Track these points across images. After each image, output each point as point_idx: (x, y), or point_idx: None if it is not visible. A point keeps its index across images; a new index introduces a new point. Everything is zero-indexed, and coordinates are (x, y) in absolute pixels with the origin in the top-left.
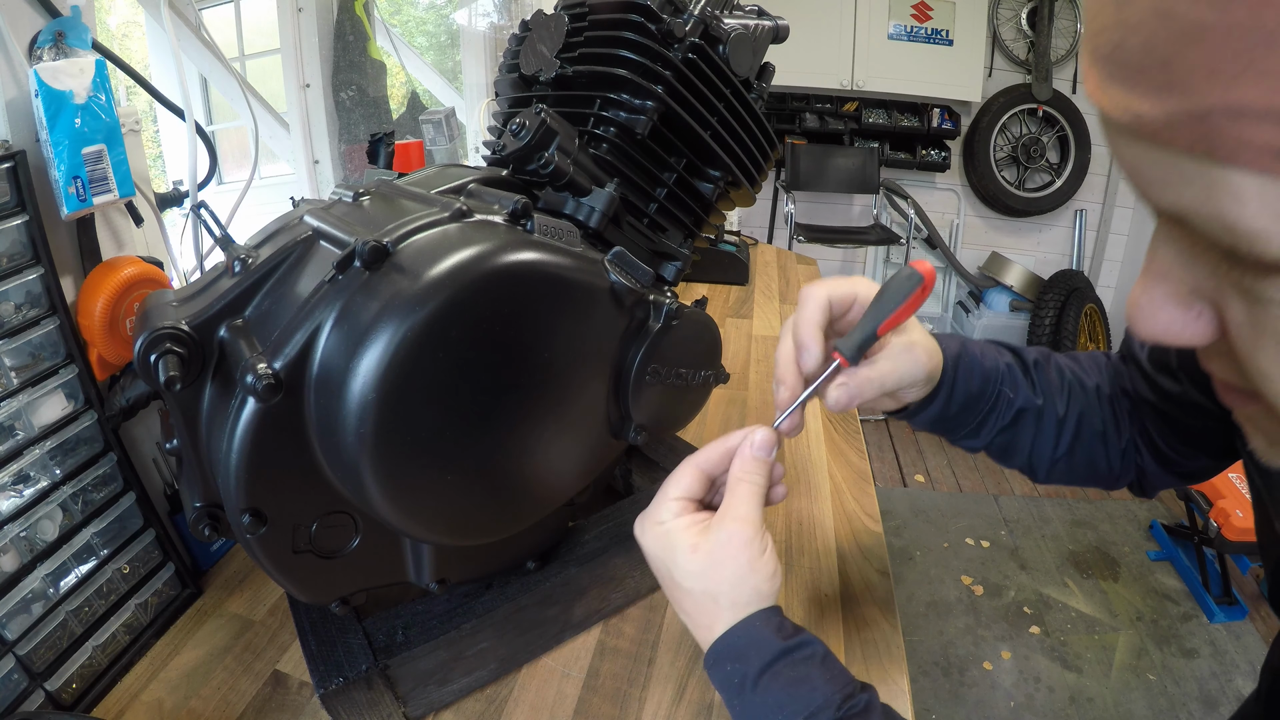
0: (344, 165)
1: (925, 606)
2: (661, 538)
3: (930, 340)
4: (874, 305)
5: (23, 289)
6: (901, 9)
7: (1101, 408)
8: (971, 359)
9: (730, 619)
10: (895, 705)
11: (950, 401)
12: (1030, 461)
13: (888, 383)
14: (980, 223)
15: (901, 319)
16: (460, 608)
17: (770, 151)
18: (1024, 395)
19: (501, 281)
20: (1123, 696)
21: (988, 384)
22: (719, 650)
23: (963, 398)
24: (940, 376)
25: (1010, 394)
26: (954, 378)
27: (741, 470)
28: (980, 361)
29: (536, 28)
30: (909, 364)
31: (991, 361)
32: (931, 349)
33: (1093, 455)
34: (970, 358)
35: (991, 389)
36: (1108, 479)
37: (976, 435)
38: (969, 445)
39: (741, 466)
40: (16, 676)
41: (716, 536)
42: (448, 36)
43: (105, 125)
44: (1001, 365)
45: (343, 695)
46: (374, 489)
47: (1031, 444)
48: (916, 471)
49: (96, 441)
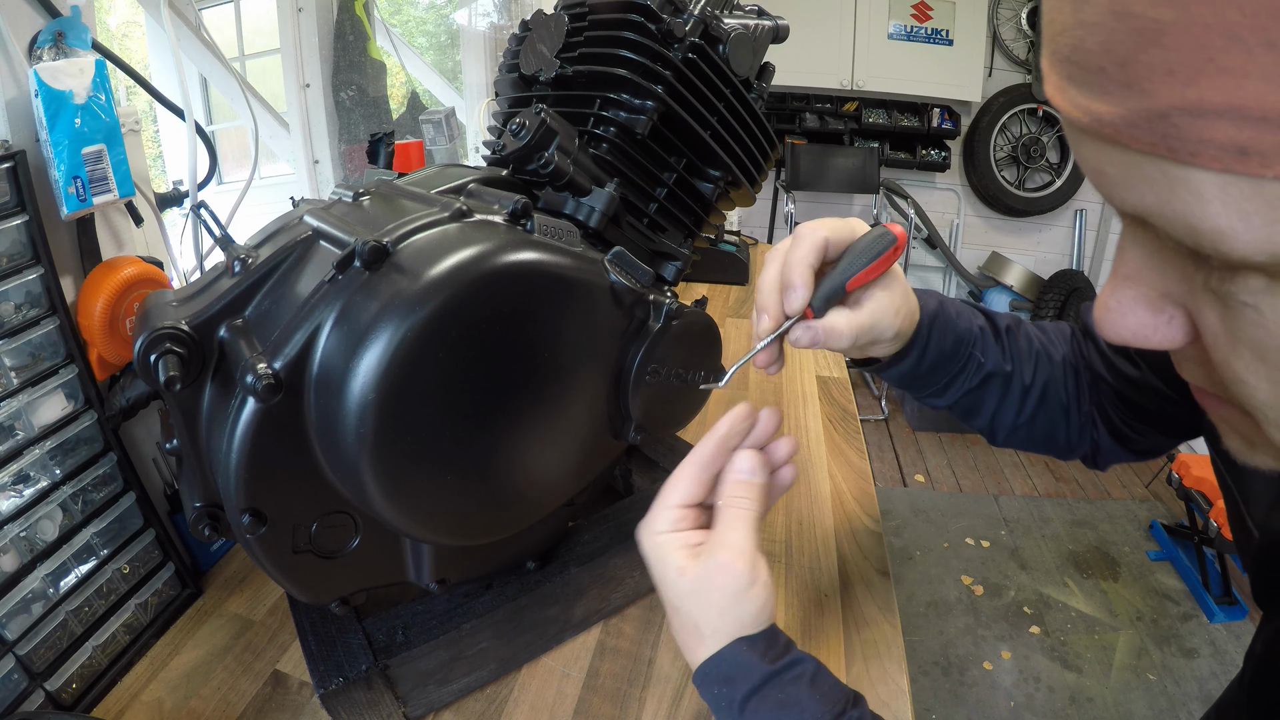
0: (344, 165)
1: (925, 606)
2: (655, 549)
3: (908, 300)
4: (845, 260)
5: (23, 289)
6: (901, 9)
7: (1066, 380)
8: (947, 319)
9: (712, 646)
10: (895, 705)
11: (922, 360)
12: (991, 424)
13: (856, 336)
14: (980, 223)
15: (870, 277)
16: (460, 608)
17: (770, 151)
18: (994, 359)
19: (501, 281)
20: (1123, 696)
21: (960, 345)
22: (704, 673)
23: (934, 357)
24: (914, 335)
25: (981, 358)
26: (928, 337)
27: (730, 495)
28: (955, 322)
29: (536, 28)
30: (877, 321)
31: (966, 323)
32: (906, 310)
33: (1053, 425)
34: (946, 318)
35: (963, 351)
36: (1064, 449)
37: (943, 394)
38: (934, 403)
39: (730, 491)
40: (16, 676)
41: (705, 564)
42: (448, 36)
43: (105, 125)
44: (975, 328)
45: (343, 695)
46: (374, 489)
47: (996, 408)
48: (916, 471)
49: (96, 441)
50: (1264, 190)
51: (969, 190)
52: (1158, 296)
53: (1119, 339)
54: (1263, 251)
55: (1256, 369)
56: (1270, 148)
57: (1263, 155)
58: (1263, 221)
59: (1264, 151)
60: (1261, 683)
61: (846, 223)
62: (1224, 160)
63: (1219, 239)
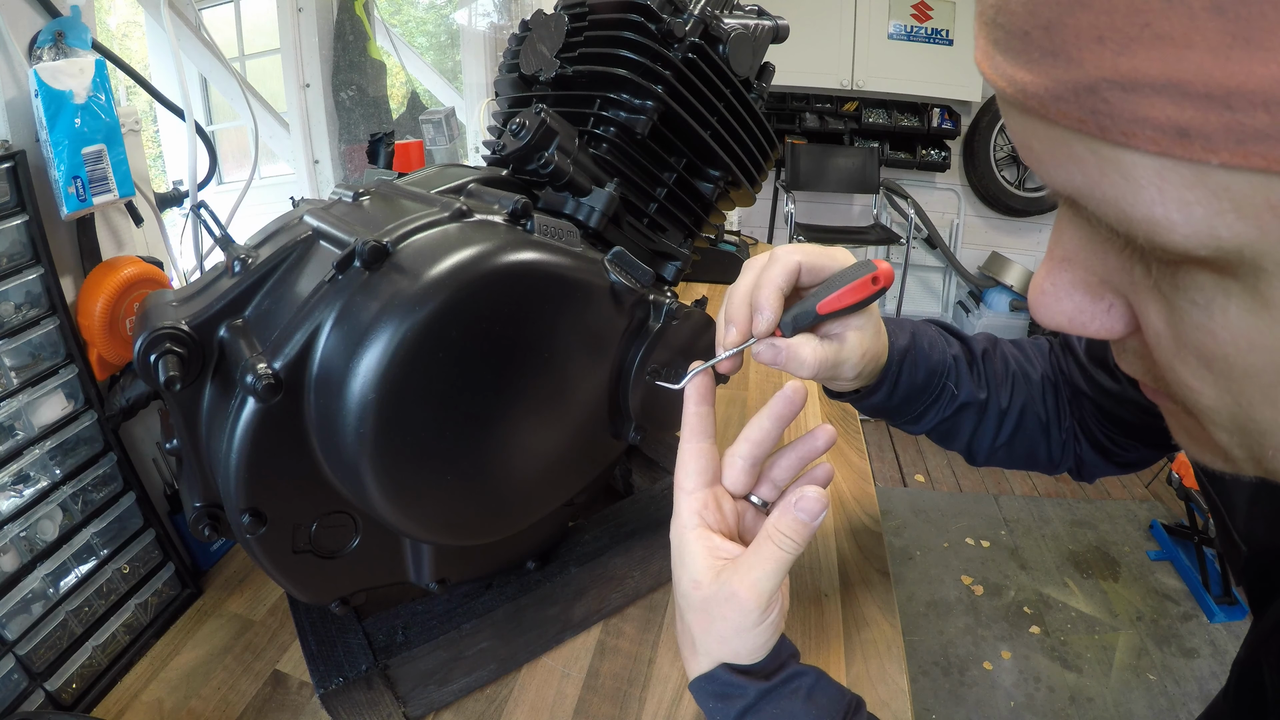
0: (344, 165)
1: (925, 606)
2: (676, 544)
3: (878, 341)
4: (824, 285)
5: (23, 289)
6: (901, 9)
7: (1045, 398)
8: (919, 353)
9: (705, 665)
10: (895, 705)
11: (894, 393)
12: (969, 447)
13: (818, 368)
14: (980, 222)
15: (843, 303)
16: (460, 608)
17: (770, 151)
18: (967, 390)
19: (501, 281)
20: (1123, 696)
21: (933, 377)
22: (699, 687)
23: (906, 390)
24: (884, 369)
25: (954, 389)
26: (899, 371)
27: (777, 528)
28: (928, 355)
29: (536, 28)
30: (843, 359)
31: (940, 354)
32: (874, 352)
33: (1033, 444)
34: (918, 351)
35: (936, 383)
36: (1047, 465)
37: (918, 423)
38: (910, 430)
39: (781, 525)
40: (16, 676)
41: (720, 589)
42: (448, 36)
43: (105, 125)
44: (949, 359)
45: (343, 695)
46: (374, 489)
47: (972, 433)
48: (916, 471)
49: (96, 441)
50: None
51: (969, 190)
52: (1097, 282)
53: (1054, 325)
54: (1205, 246)
55: (1202, 375)
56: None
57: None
58: (1205, 213)
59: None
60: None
61: (828, 251)
62: (1161, 143)
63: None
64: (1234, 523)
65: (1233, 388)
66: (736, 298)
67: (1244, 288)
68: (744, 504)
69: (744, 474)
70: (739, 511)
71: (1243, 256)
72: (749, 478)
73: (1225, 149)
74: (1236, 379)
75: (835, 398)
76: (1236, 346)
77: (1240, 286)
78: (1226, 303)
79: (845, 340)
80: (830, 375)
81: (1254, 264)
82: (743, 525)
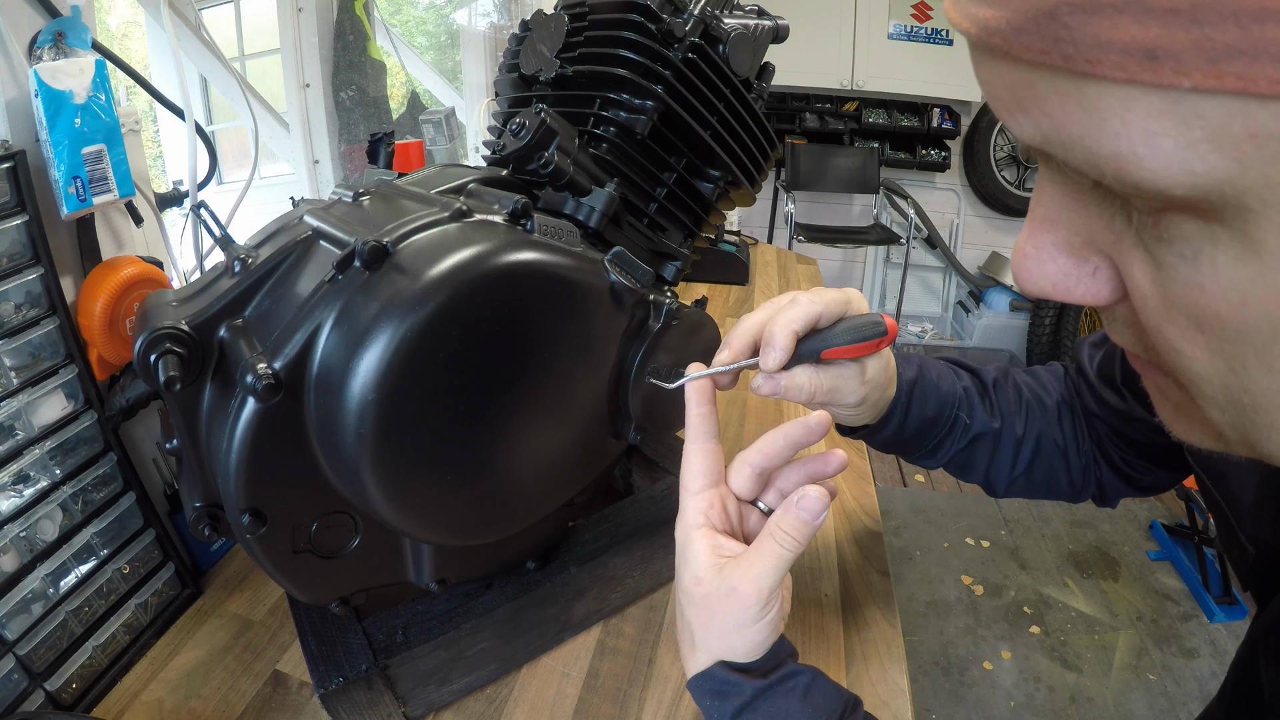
0: (344, 165)
1: (925, 606)
2: (681, 541)
3: (885, 370)
4: (834, 329)
5: (23, 289)
6: (901, 9)
7: (1062, 424)
8: (927, 385)
9: (704, 662)
10: (895, 705)
11: (904, 427)
12: (988, 478)
13: (814, 393)
14: (980, 222)
15: (847, 356)
16: (460, 608)
17: (770, 151)
18: (980, 421)
19: (501, 281)
20: (1123, 696)
21: (943, 409)
22: (696, 685)
23: (916, 423)
24: (893, 403)
25: (966, 419)
26: (908, 404)
27: (779, 527)
28: (936, 387)
29: (536, 27)
30: (839, 385)
31: (949, 387)
32: (879, 380)
33: (1053, 472)
34: (926, 384)
35: (947, 414)
36: (1069, 493)
37: (932, 456)
38: (925, 464)
39: (783, 523)
40: (16, 676)
41: (721, 584)
42: (448, 36)
43: (105, 125)
44: (959, 390)
45: (343, 695)
46: (374, 489)
47: (989, 464)
48: (916, 471)
49: (96, 441)
50: (1177, 105)
51: (969, 190)
52: (1081, 243)
53: (1038, 290)
54: (1179, 183)
55: (1193, 337)
56: (1184, 49)
57: (1175, 59)
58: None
59: (1176, 54)
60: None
61: (846, 297)
62: (1128, 68)
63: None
64: (1240, 524)
65: (1225, 350)
66: (749, 326)
67: (1231, 234)
68: (748, 506)
69: (751, 480)
70: (743, 514)
71: (1224, 195)
72: (755, 485)
73: (1197, 70)
74: (1229, 339)
75: (847, 434)
76: (1228, 301)
77: (1228, 233)
78: (1214, 252)
79: (844, 365)
80: (827, 401)
81: (1238, 203)
82: (746, 527)
